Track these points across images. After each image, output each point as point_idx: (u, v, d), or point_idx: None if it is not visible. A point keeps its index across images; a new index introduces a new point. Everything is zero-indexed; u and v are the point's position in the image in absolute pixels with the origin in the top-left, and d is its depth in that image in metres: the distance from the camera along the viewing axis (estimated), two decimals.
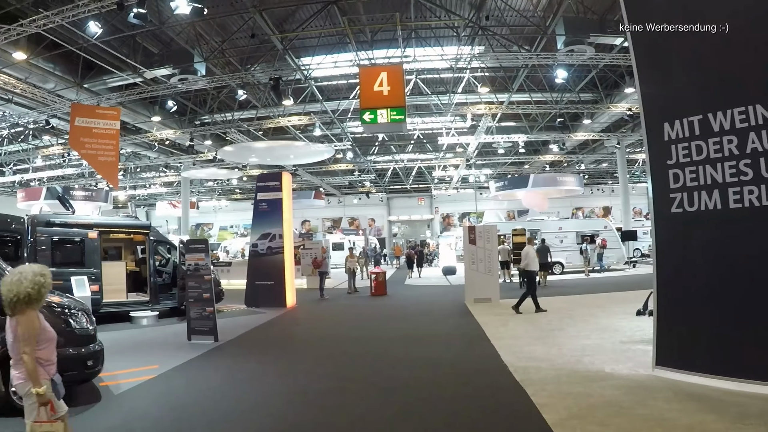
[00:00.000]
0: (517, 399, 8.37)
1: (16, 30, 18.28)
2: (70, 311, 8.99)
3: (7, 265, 9.49)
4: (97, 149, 19.92)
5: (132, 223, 23.75)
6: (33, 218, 18.37)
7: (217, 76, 24.06)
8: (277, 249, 22.21)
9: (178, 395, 9.50)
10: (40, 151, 40.42)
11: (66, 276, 16.79)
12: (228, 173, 46.13)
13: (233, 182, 56.27)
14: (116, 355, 9.99)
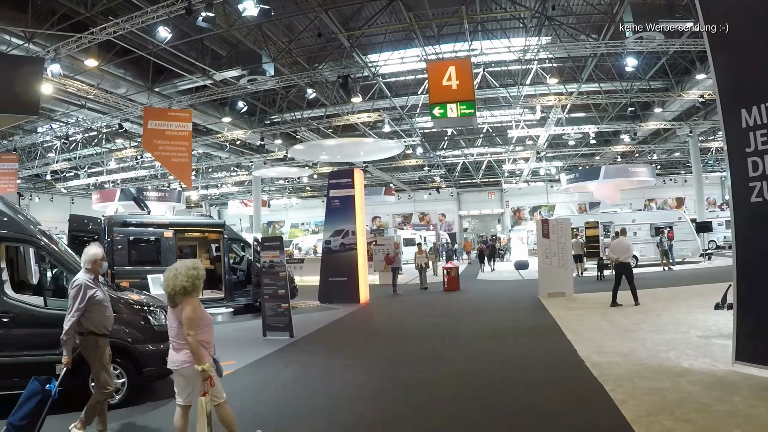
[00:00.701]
0: (595, 395, 8.29)
1: (87, 38, 18.79)
2: (149, 308, 9.33)
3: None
4: (170, 151, 20.31)
5: (206, 221, 24.19)
6: (110, 219, 18.91)
7: (285, 75, 24.27)
8: (350, 245, 22.30)
9: (255, 390, 9.66)
10: (114, 154, 41.43)
11: (142, 274, 17.23)
12: (298, 171, 46.49)
13: (304, 180, 56.67)
14: None
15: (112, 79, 24.47)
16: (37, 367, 8.26)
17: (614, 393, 8.18)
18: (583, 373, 9.53)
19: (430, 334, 14.77)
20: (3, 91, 12.65)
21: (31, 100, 13.00)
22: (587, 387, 8.74)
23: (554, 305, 18.25)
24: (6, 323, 8.32)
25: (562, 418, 7.50)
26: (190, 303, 6.24)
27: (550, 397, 8.42)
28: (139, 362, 8.88)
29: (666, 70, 27.98)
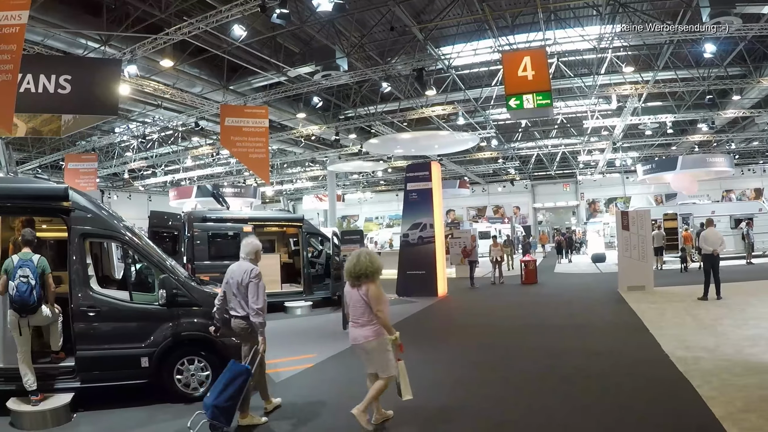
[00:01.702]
0: (682, 391, 8.12)
1: (162, 39, 19.09)
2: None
3: (169, 258, 10.02)
4: (247, 147, 20.54)
5: (285, 216, 24.48)
6: (189, 214, 19.28)
7: (359, 70, 24.32)
8: (428, 238, 22.22)
9: (336, 383, 9.74)
10: (190, 152, 42.07)
11: (221, 269, 17.50)
12: (373, 165, 46.55)
13: (378, 174, 56.62)
14: (274, 344, 10.24)
15: (187, 79, 24.88)
16: (121, 360, 8.58)
17: (702, 389, 8.00)
18: (669, 369, 9.35)
19: (510, 327, 14.69)
20: (83, 93, 12.98)
21: (109, 101, 13.32)
22: (673, 383, 8.57)
23: (635, 299, 17.93)
24: (92, 317, 8.54)
25: (651, 414, 7.36)
26: (374, 284, 7.36)
27: (635, 392, 8.29)
28: (223, 355, 8.90)
29: (744, 56, 27.07)
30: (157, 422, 8.01)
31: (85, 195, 9.40)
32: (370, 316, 7.24)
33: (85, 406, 8.52)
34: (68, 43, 19.70)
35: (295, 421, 7.88)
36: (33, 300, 7.87)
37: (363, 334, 7.29)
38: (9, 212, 9.78)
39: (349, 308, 7.52)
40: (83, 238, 8.87)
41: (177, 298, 8.86)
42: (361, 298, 7.27)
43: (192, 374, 8.90)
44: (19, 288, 7.79)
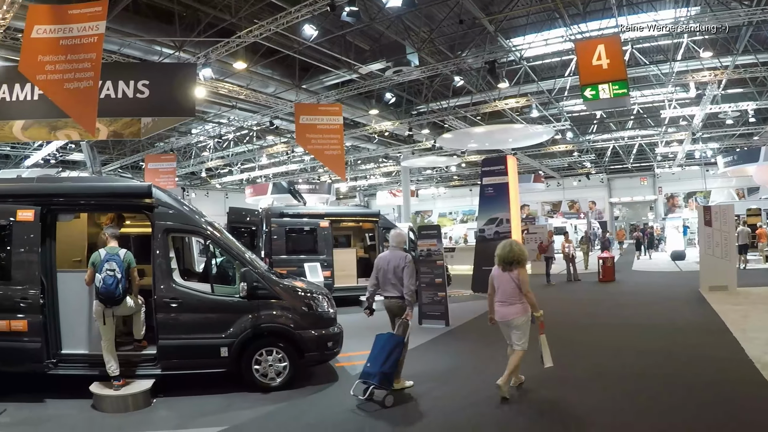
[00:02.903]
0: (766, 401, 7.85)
1: (234, 42, 19.44)
2: (312, 295, 9.68)
3: (249, 252, 10.32)
4: (322, 144, 20.71)
5: (362, 211, 24.71)
6: (267, 210, 19.64)
7: (430, 65, 24.26)
8: (504, 233, 21.77)
9: (415, 377, 9.69)
10: (265, 150, 42.58)
11: (299, 263, 17.86)
12: (447, 160, 46.25)
13: (452, 169, 56.35)
14: (350, 338, 10.41)
15: (260, 80, 25.29)
16: (201, 349, 8.94)
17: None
18: (754, 376, 9.01)
19: (588, 325, 14.51)
20: (161, 97, 13.33)
21: (186, 103, 13.63)
22: (759, 390, 8.32)
23: (717, 299, 17.34)
24: (175, 308, 8.91)
25: (736, 422, 7.15)
26: (524, 269, 8.63)
27: (717, 399, 8.07)
28: (301, 347, 9.22)
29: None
30: (235, 410, 8.25)
31: (167, 192, 9.83)
32: (519, 296, 8.43)
33: (164, 392, 8.86)
34: (144, 51, 20.41)
35: (362, 416, 8.00)
36: (119, 292, 8.30)
37: (512, 311, 8.47)
38: (96, 209, 10.45)
39: (498, 290, 8.67)
40: (166, 233, 9.24)
41: (257, 290, 9.12)
42: (512, 280, 8.48)
43: (270, 365, 9.12)
44: (105, 281, 8.21)
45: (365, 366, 8.59)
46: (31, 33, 10.89)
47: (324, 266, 18.43)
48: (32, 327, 8.63)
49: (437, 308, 15.05)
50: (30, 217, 8.91)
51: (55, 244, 9.20)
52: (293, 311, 9.35)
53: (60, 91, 10.68)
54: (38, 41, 10.85)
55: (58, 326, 9.02)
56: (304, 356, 9.28)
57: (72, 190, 9.88)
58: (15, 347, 8.61)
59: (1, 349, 8.52)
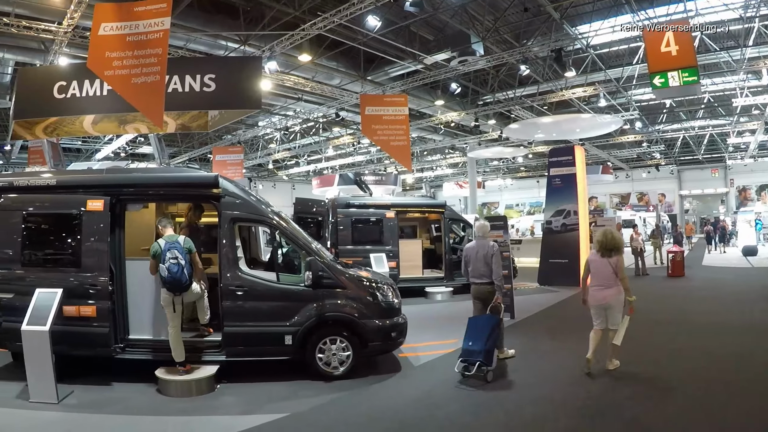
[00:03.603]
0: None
1: (299, 35, 19.56)
2: (377, 285, 9.68)
3: (315, 242, 10.41)
4: (388, 135, 20.71)
5: (427, 202, 24.63)
6: (333, 201, 19.76)
7: (495, 54, 24.02)
8: (571, 226, 21.69)
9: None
10: (331, 142, 42.81)
11: (364, 253, 17.93)
12: (513, 151, 45.80)
13: (518, 160, 55.73)
14: (414, 329, 10.41)
15: (325, 72, 25.38)
16: (266, 337, 9.07)
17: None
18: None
19: (656, 323, 13.80)
20: (227, 90, 13.51)
21: (253, 96, 13.78)
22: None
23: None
24: (240, 296, 9.04)
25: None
26: (621, 255, 9.35)
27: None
28: (365, 336, 9.25)
29: None
30: (298, 398, 8.32)
31: (234, 182, 10.01)
32: (615, 281, 9.16)
33: (228, 379, 9.03)
34: (209, 46, 20.73)
35: (424, 407, 7.96)
36: (185, 279, 8.49)
37: (609, 294, 9.19)
38: (164, 199, 10.81)
39: (595, 274, 9.40)
40: (233, 223, 9.39)
41: (322, 279, 9.17)
42: (609, 266, 9.19)
43: (333, 353, 9.18)
44: (171, 269, 8.37)
45: (466, 345, 9.25)
46: (98, 30, 11.14)
47: (389, 257, 18.42)
48: (101, 313, 8.88)
49: (503, 300, 14.90)
50: (100, 207, 9.15)
51: (123, 232, 9.45)
52: (358, 301, 9.37)
53: (128, 85, 10.91)
54: (105, 38, 11.10)
55: (125, 312, 9.29)
56: (367, 346, 9.31)
57: (140, 180, 10.10)
58: (84, 332, 8.87)
59: (71, 333, 8.73)
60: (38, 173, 10.32)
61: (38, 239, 9.53)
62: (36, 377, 8.20)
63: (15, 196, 9.52)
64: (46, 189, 9.51)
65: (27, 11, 17.88)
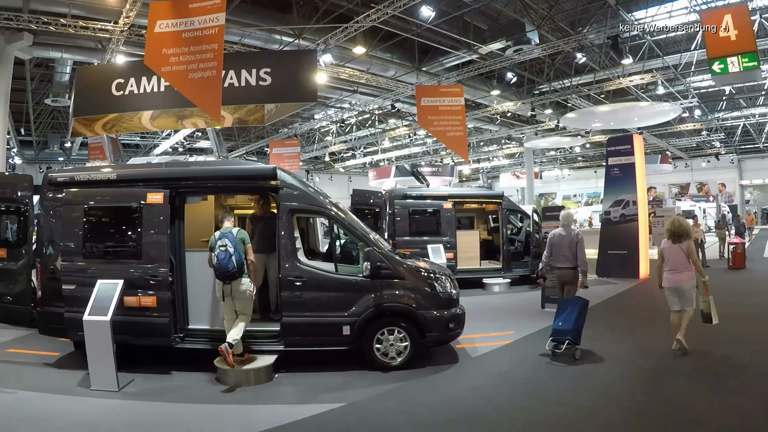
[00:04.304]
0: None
1: (352, 27, 19.64)
2: (435, 276, 9.63)
3: (373, 232, 10.43)
4: (444, 125, 20.64)
5: (485, 193, 24.46)
6: (391, 192, 19.74)
7: (550, 42, 23.74)
8: (630, 216, 21.20)
9: (534, 362, 9.64)
10: (387, 134, 43.04)
11: (421, 244, 17.90)
12: (570, 141, 45.33)
13: (576, 150, 55.10)
14: (472, 320, 10.31)
15: (380, 63, 25.46)
16: (324, 327, 9.12)
17: None
18: None
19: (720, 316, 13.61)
20: (283, 83, 13.61)
21: (308, 88, 13.87)
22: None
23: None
24: (299, 286, 9.11)
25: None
26: (691, 241, 10.03)
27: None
28: (423, 327, 9.21)
29: None
30: (354, 387, 8.37)
31: (291, 174, 10.07)
32: (688, 265, 9.77)
33: (286, 368, 9.12)
34: (264, 40, 20.98)
35: (481, 399, 7.90)
36: (232, 266, 8.52)
37: (682, 277, 9.79)
38: (223, 191, 11.05)
39: (668, 260, 10.00)
40: (291, 214, 9.46)
41: (380, 270, 9.18)
42: (681, 251, 9.83)
43: (391, 344, 9.18)
44: (219, 256, 8.50)
45: (556, 326, 10.01)
46: (154, 28, 11.35)
47: (447, 248, 18.29)
48: (161, 303, 9.06)
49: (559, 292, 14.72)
50: (159, 200, 9.31)
51: (183, 224, 9.63)
52: (416, 291, 9.35)
53: (185, 81, 11.08)
54: (161, 35, 11.29)
55: (185, 302, 9.49)
56: (425, 336, 9.27)
57: (199, 173, 10.24)
58: (144, 322, 9.08)
59: (131, 323, 8.94)
60: (98, 168, 10.54)
61: (99, 232, 9.75)
62: (97, 366, 8.41)
63: (77, 191, 9.74)
64: (106, 183, 9.75)
65: (83, 12, 18.37)
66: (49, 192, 9.96)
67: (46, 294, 9.76)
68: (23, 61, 23.13)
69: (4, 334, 11.99)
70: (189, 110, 14.45)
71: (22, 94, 29.22)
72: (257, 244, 10.12)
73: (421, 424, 6.98)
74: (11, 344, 11.58)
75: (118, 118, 15.11)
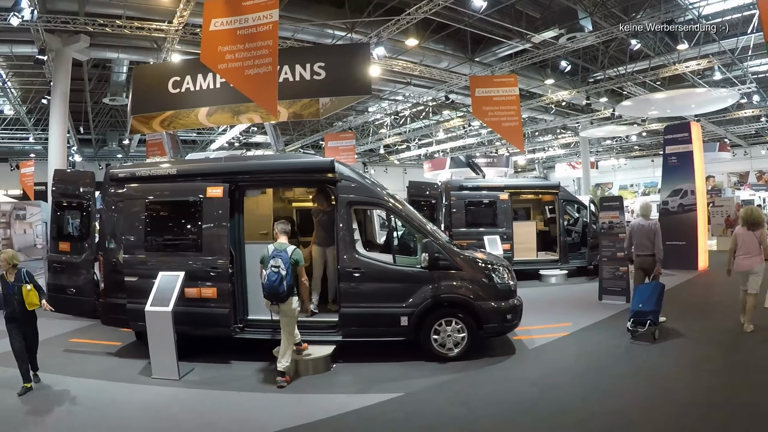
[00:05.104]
0: None
1: (404, 19, 19.62)
2: (492, 267, 9.64)
3: (430, 224, 10.52)
4: (499, 116, 20.50)
5: (541, 183, 24.36)
6: (446, 184, 19.90)
7: (604, 29, 23.39)
8: (689, 206, 20.85)
9: (593, 354, 9.63)
10: (441, 125, 42.77)
11: (477, 235, 17.89)
12: (627, 129, 44.41)
13: (632, 139, 54.00)
14: (528, 311, 10.29)
15: (433, 55, 25.32)
16: (382, 318, 9.20)
17: None
18: None
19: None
20: (337, 77, 13.65)
21: (362, 81, 13.88)
22: None
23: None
24: (357, 278, 9.23)
25: None
26: (764, 228, 10.72)
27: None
28: (480, 318, 9.24)
29: None
30: (411, 378, 8.45)
31: (349, 166, 10.18)
32: (759, 250, 10.54)
33: (343, 358, 9.25)
34: (316, 35, 21.12)
35: (538, 390, 7.88)
36: (282, 289, 8.32)
37: (753, 261, 10.55)
38: (282, 184, 11.37)
39: (741, 246, 10.74)
40: (349, 206, 9.56)
41: (438, 261, 9.23)
42: (755, 238, 10.58)
43: (448, 335, 9.23)
44: (269, 277, 8.27)
45: (636, 307, 10.60)
46: (209, 26, 11.52)
47: (503, 239, 18.36)
48: (221, 294, 9.31)
49: (618, 284, 14.47)
50: (219, 194, 9.55)
51: (242, 217, 9.84)
52: (473, 282, 9.38)
53: (241, 77, 11.22)
54: (217, 33, 11.46)
55: (244, 294, 9.70)
56: (482, 327, 9.31)
57: (258, 167, 10.43)
58: (205, 312, 9.35)
59: (192, 314, 9.21)
60: (158, 163, 10.78)
61: (160, 225, 10.05)
62: (159, 355, 8.71)
63: (137, 186, 10.05)
64: (166, 178, 10.02)
65: (137, 13, 18.76)
66: (110, 187, 10.30)
67: (108, 286, 10.13)
68: (81, 62, 23.69)
69: (66, 324, 12.48)
70: (245, 106, 14.60)
71: (81, 94, 29.87)
72: (319, 238, 10.38)
73: (478, 415, 7.03)
74: (74, 334, 12.08)
75: (175, 115, 15.33)
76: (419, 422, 6.88)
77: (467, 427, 6.73)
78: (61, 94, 21.47)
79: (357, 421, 7.00)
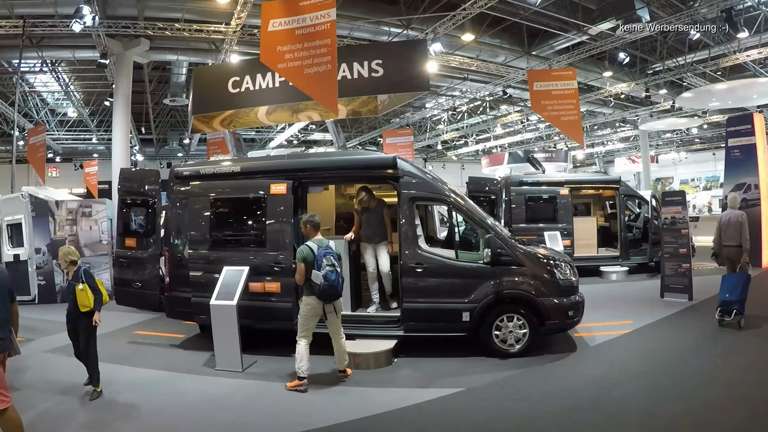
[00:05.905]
0: None
1: (460, 15, 19.65)
2: (555, 262, 9.60)
3: (490, 218, 10.55)
4: (558, 110, 20.34)
5: (601, 178, 24.16)
6: (506, 179, 19.81)
7: (662, 18, 22.94)
8: (752, 201, 20.27)
9: (656, 352, 9.51)
10: (499, 120, 42.59)
11: (538, 231, 17.83)
12: (687, 122, 43.56)
13: (693, 131, 52.96)
14: (589, 308, 10.17)
15: (489, 50, 25.30)
16: (444, 313, 9.25)
17: None
18: None
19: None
20: (395, 74, 13.72)
21: (420, 78, 13.93)
22: None
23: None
24: (419, 273, 9.30)
25: None
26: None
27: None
28: (542, 314, 9.22)
29: None
30: (472, 373, 8.47)
31: (411, 162, 10.31)
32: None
33: (404, 353, 9.31)
34: (373, 33, 21.38)
35: (599, 388, 7.83)
36: (341, 287, 8.29)
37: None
38: (344, 180, 11.53)
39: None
40: (411, 202, 9.62)
41: (500, 256, 9.23)
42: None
43: (510, 331, 9.22)
44: (328, 277, 7.92)
45: (723, 297, 10.94)
46: (267, 27, 11.69)
47: (563, 235, 18.31)
48: (284, 288, 9.49)
49: (680, 281, 14.22)
50: (282, 190, 9.74)
51: (305, 213, 9.89)
52: (535, 278, 9.36)
53: (301, 76, 11.37)
54: (275, 33, 11.62)
55: None
56: (544, 324, 9.28)
57: (320, 164, 10.65)
58: (268, 306, 9.56)
59: (256, 308, 9.41)
60: (222, 161, 11.01)
61: (224, 221, 10.32)
62: (223, 347, 8.95)
63: (202, 183, 10.30)
64: (230, 175, 10.27)
65: (195, 16, 19.22)
66: (175, 185, 10.59)
67: (173, 280, 10.47)
68: (141, 65, 24.25)
69: (131, 317, 12.88)
70: (303, 104, 14.77)
71: (142, 96, 30.67)
72: (366, 235, 10.47)
73: (538, 411, 7.03)
74: (138, 327, 12.48)
75: (234, 115, 15.58)
76: (480, 417, 6.90)
77: (528, 423, 6.72)
78: (123, 96, 22.03)
79: (419, 415, 7.04)
